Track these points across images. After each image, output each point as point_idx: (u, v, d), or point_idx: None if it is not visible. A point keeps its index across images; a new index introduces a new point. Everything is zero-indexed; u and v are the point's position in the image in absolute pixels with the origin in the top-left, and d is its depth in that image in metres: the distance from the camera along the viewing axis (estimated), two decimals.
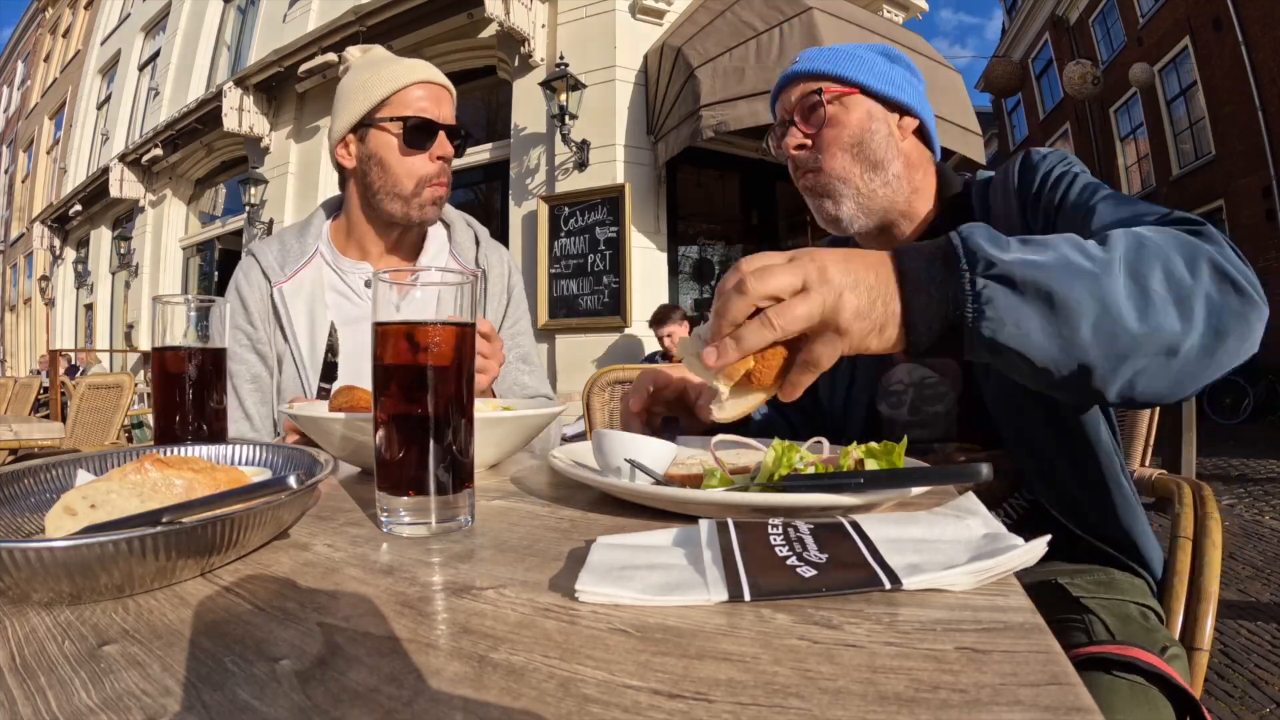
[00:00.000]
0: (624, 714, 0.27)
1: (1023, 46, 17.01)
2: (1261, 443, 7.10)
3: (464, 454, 0.54)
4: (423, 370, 0.52)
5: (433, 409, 0.52)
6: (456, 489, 0.53)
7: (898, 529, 0.46)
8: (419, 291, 0.53)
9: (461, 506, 0.54)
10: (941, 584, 0.38)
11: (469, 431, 0.54)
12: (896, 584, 0.37)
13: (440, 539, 0.52)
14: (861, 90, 0.95)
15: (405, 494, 0.52)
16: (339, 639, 0.34)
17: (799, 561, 0.40)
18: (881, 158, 0.94)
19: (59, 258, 12.84)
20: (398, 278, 0.53)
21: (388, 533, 0.53)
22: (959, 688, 0.28)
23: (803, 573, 0.38)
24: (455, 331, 0.53)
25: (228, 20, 9.45)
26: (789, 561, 0.40)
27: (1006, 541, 0.42)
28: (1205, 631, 0.80)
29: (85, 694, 0.29)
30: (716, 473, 0.61)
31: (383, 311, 0.53)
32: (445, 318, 0.53)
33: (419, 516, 0.52)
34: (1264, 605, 2.69)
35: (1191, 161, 12.34)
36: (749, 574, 0.38)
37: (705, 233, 6.32)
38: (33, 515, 0.53)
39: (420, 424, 0.52)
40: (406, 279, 0.54)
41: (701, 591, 0.38)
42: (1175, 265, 0.59)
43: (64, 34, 15.70)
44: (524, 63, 5.52)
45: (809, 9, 4.61)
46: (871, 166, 0.94)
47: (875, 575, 0.38)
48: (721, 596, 0.37)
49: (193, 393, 0.79)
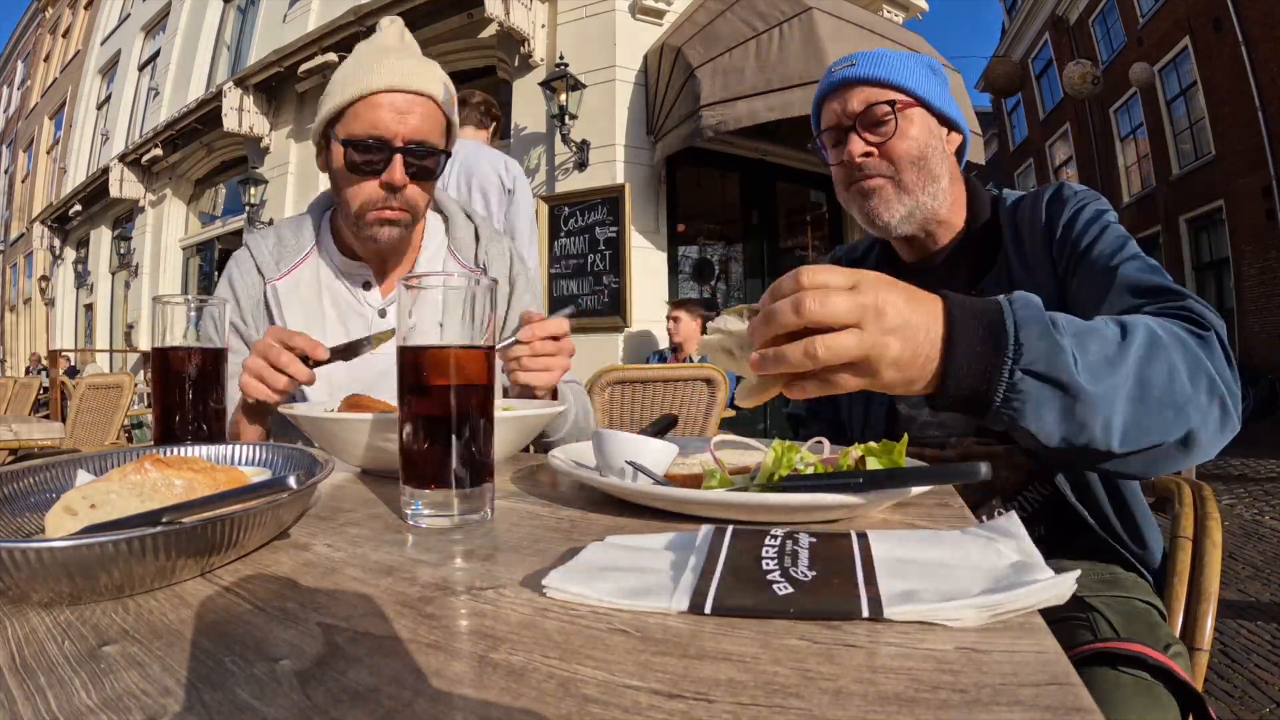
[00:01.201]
0: (624, 714, 0.27)
1: (1023, 46, 17.01)
2: (1261, 443, 7.10)
3: (483, 453, 0.58)
4: (446, 388, 0.56)
5: (455, 413, 0.57)
6: (476, 483, 0.57)
7: (914, 549, 0.43)
8: (436, 297, 0.57)
9: (483, 500, 0.58)
10: (936, 618, 0.35)
11: (489, 432, 0.59)
12: (877, 613, 0.35)
13: (443, 536, 0.52)
14: (922, 104, 0.97)
15: (428, 487, 0.56)
16: (339, 639, 0.34)
17: (780, 578, 0.39)
18: (938, 172, 0.97)
19: (59, 258, 12.84)
20: (413, 284, 0.57)
21: (412, 525, 0.56)
22: (959, 688, 0.28)
23: (778, 589, 0.37)
24: (482, 354, 0.58)
25: (228, 20, 9.45)
26: (769, 577, 0.39)
27: (1033, 574, 0.38)
28: (1205, 631, 0.80)
29: (85, 694, 0.29)
30: (716, 473, 0.61)
31: (404, 322, 0.57)
32: (467, 325, 0.57)
33: (441, 510, 0.56)
34: (1264, 605, 2.69)
35: (1191, 161, 12.33)
36: (719, 586, 0.38)
37: (705, 233, 6.32)
38: (33, 515, 0.53)
39: (444, 424, 0.56)
40: (423, 286, 0.57)
41: (665, 599, 0.37)
42: (1179, 376, 0.64)
43: (64, 34, 15.70)
44: (524, 63, 5.52)
45: (809, 9, 4.61)
46: (931, 179, 0.96)
47: (855, 602, 0.36)
48: (682, 606, 0.36)
49: (193, 393, 0.79)
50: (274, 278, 1.16)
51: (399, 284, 0.56)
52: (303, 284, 1.17)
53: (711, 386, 2.23)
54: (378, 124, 1.02)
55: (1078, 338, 0.61)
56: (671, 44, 5.04)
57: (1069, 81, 11.83)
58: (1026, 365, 0.58)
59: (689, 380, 2.25)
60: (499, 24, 5.22)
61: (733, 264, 6.26)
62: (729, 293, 6.25)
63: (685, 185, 5.78)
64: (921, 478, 0.52)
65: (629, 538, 0.48)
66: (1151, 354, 0.64)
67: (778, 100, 4.52)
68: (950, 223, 1.01)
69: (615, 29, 5.27)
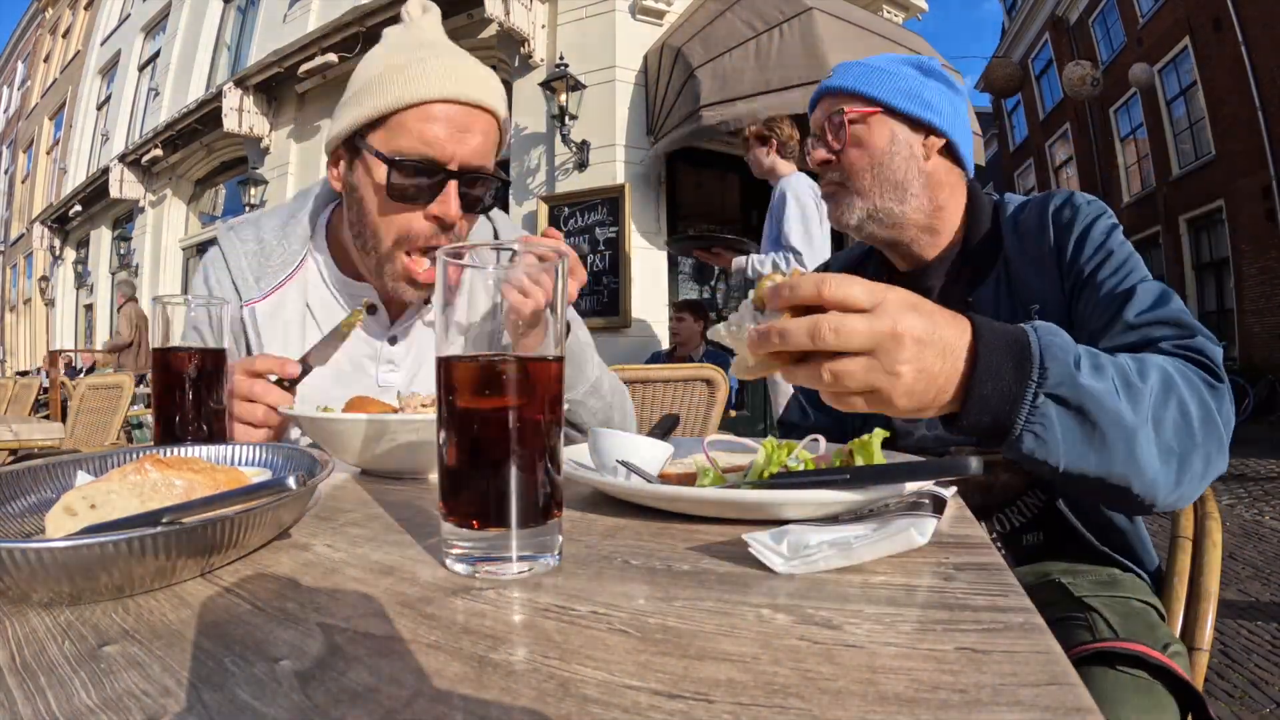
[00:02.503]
0: (624, 714, 0.27)
1: (1022, 47, 17.00)
2: (1261, 443, 7.10)
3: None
4: (504, 410, 0.43)
5: (517, 446, 0.43)
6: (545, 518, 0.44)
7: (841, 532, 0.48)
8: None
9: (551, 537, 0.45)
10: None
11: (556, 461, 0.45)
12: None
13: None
14: (885, 109, 0.96)
15: (469, 525, 0.43)
16: (339, 639, 0.34)
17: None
18: (901, 178, 0.96)
19: (59, 258, 12.84)
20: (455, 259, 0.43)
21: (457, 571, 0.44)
22: (959, 688, 0.28)
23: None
24: (552, 367, 0.44)
25: (228, 20, 9.45)
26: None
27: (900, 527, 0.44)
28: (1205, 631, 0.80)
29: (85, 694, 0.29)
30: (710, 472, 0.62)
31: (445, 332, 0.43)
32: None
33: (498, 550, 0.43)
34: (1264, 605, 2.69)
35: (1191, 161, 12.33)
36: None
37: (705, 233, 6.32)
38: (33, 515, 0.53)
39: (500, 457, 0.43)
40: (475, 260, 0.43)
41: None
42: (1191, 420, 0.66)
43: (64, 34, 15.70)
44: (524, 63, 5.53)
45: (809, 9, 4.61)
46: (891, 186, 0.96)
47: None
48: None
49: (193, 393, 0.79)
50: (252, 298, 0.96)
51: (438, 253, 0.43)
52: (287, 305, 0.97)
53: (711, 386, 2.23)
54: (432, 142, 0.84)
55: (1098, 371, 0.62)
56: (671, 44, 5.04)
57: (1069, 82, 11.84)
58: (1050, 389, 0.58)
59: (689, 380, 2.26)
60: (499, 24, 5.22)
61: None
62: (729, 293, 6.25)
63: (685, 185, 5.78)
64: (910, 473, 0.52)
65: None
66: (1166, 397, 0.65)
67: (777, 100, 4.52)
68: (939, 229, 0.99)
69: (615, 29, 5.27)
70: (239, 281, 0.97)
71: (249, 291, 0.96)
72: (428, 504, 0.63)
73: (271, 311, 0.96)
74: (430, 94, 0.84)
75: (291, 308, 0.97)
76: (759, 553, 0.44)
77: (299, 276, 0.99)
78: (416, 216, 0.87)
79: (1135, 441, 0.62)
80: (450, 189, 0.85)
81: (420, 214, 0.87)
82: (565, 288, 0.45)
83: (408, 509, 0.62)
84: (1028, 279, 0.91)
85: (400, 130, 0.84)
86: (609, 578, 0.43)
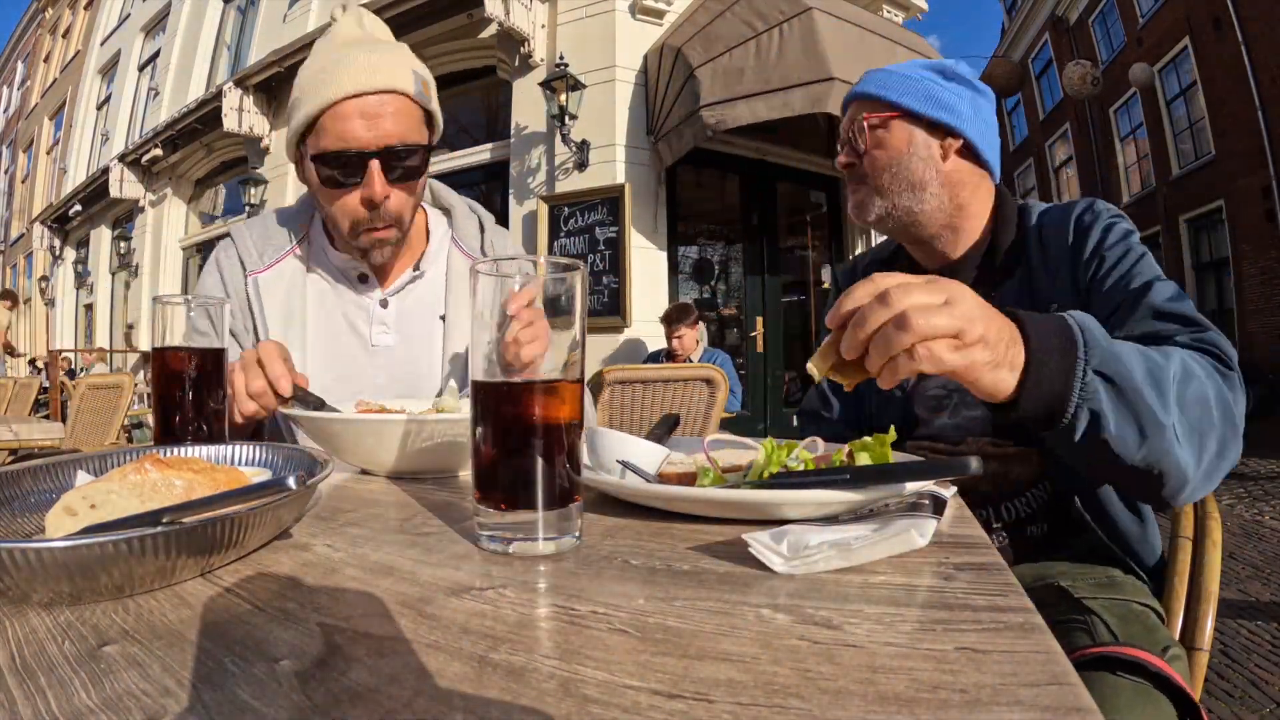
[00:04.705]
0: (624, 714, 0.27)
1: (1022, 46, 17.00)
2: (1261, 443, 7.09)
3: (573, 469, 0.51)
4: (532, 423, 0.50)
5: (542, 449, 0.50)
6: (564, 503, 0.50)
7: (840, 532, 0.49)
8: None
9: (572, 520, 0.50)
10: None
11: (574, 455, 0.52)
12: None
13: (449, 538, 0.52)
14: (903, 113, 0.99)
15: (499, 507, 0.49)
16: (339, 639, 0.34)
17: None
18: (919, 178, 0.99)
19: (59, 258, 12.83)
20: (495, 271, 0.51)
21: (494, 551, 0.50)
22: (959, 688, 0.28)
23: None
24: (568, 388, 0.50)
25: (227, 20, 9.45)
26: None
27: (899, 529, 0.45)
28: (1205, 631, 0.80)
29: (85, 694, 0.29)
30: (709, 471, 0.62)
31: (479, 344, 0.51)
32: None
33: (527, 532, 0.49)
34: (1264, 605, 2.69)
35: (1191, 161, 12.32)
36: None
37: (705, 233, 6.32)
38: (33, 515, 0.53)
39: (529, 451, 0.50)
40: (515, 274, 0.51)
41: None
42: (1209, 404, 0.69)
43: (64, 34, 15.69)
44: (524, 63, 5.52)
45: (809, 9, 4.61)
46: (909, 186, 0.99)
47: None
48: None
49: (193, 393, 0.79)
50: (255, 269, 1.09)
51: (470, 269, 0.50)
52: (286, 275, 1.11)
53: (711, 386, 2.23)
54: (346, 136, 0.94)
55: (1129, 353, 0.65)
56: (671, 44, 5.04)
57: (1069, 82, 11.84)
58: (1097, 366, 0.61)
59: (689, 380, 2.26)
60: (499, 24, 5.23)
61: (732, 264, 6.26)
62: (728, 293, 6.26)
63: (685, 185, 5.78)
64: (910, 473, 0.52)
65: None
66: (1187, 380, 0.68)
67: (777, 100, 4.52)
68: (961, 227, 1.02)
69: (615, 29, 5.27)
70: (244, 256, 1.10)
71: (253, 264, 1.10)
72: (428, 504, 0.64)
73: (271, 281, 1.10)
74: (340, 93, 0.94)
75: (289, 277, 1.11)
76: (759, 553, 0.44)
77: (300, 251, 1.13)
78: (353, 199, 0.98)
79: (1165, 423, 0.65)
80: (371, 171, 0.95)
81: (357, 198, 0.98)
82: (585, 305, 0.52)
83: (409, 508, 0.62)
84: (1047, 281, 0.94)
85: (322, 132, 0.96)
86: (609, 578, 0.43)
